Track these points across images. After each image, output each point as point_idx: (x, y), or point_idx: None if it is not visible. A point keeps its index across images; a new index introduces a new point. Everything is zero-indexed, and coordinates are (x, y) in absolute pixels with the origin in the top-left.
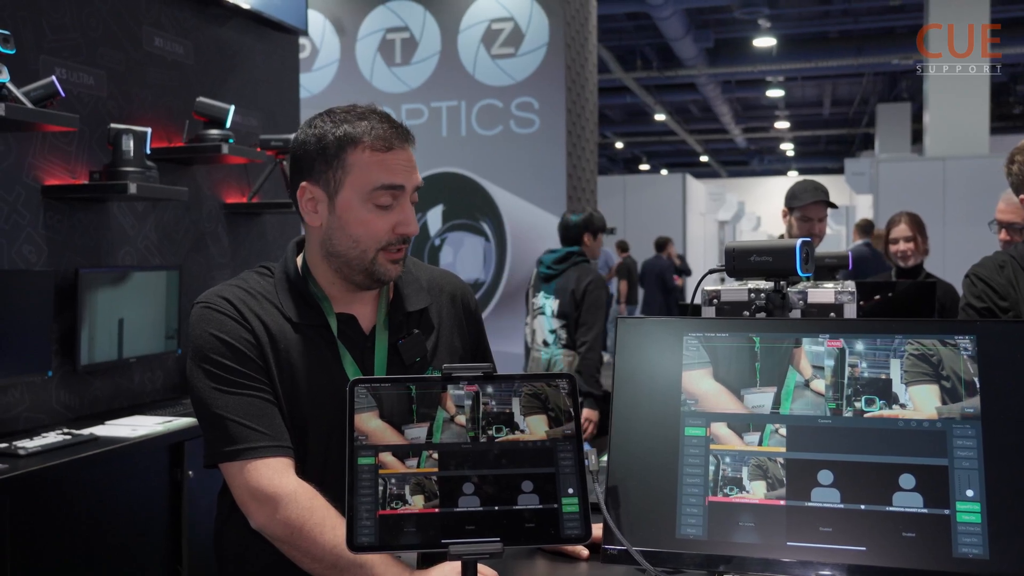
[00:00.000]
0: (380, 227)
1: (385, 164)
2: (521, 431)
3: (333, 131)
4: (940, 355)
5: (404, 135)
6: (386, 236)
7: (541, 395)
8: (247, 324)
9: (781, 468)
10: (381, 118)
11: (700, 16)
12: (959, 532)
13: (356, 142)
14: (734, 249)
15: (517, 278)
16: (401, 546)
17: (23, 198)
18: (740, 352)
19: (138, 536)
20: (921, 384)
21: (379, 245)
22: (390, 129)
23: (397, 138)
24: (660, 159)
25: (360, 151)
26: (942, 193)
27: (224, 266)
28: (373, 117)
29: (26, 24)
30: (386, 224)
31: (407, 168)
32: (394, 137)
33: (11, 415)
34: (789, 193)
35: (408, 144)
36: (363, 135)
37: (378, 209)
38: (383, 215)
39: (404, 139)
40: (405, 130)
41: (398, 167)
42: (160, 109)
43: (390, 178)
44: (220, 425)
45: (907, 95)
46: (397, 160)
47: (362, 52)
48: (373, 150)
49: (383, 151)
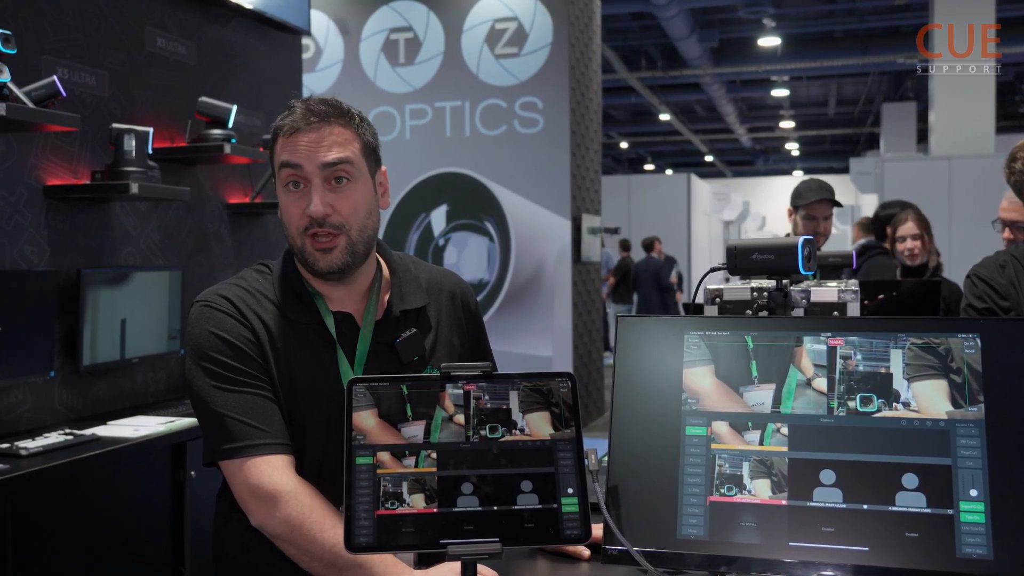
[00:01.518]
0: (293, 210)
1: (286, 145)
2: (520, 429)
3: (274, 125)
4: (950, 346)
5: (321, 116)
6: (301, 220)
7: (543, 389)
8: (247, 322)
9: (783, 468)
10: (304, 106)
11: (705, 16)
12: (963, 532)
13: (277, 132)
14: (736, 247)
15: (521, 278)
16: (399, 546)
17: (25, 198)
18: (741, 350)
19: (140, 536)
20: (926, 379)
21: (299, 229)
22: (303, 112)
23: (307, 121)
24: (665, 159)
25: (280, 140)
26: (947, 193)
27: (227, 266)
28: (297, 107)
29: (28, 24)
30: (297, 207)
31: (311, 148)
32: (303, 120)
33: (13, 415)
34: (794, 192)
35: (325, 125)
36: (282, 124)
37: (290, 192)
38: (296, 199)
39: (320, 120)
40: (329, 112)
41: (300, 148)
42: (162, 109)
43: (287, 156)
44: (220, 423)
45: (912, 94)
46: (300, 140)
47: (366, 52)
48: (284, 136)
49: (290, 135)
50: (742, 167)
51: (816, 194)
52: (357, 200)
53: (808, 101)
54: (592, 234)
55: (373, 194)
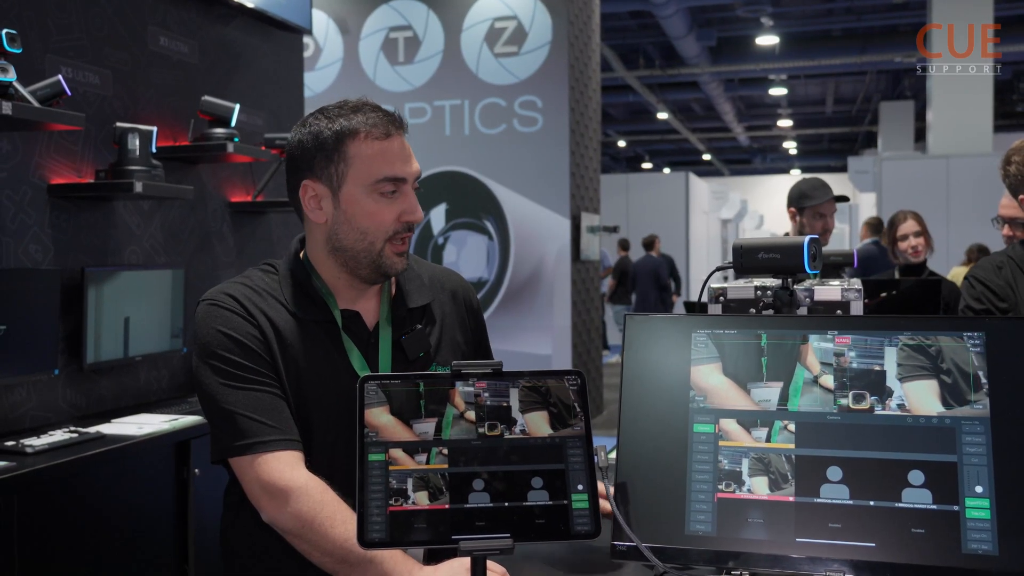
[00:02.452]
0: (386, 217)
1: (384, 153)
2: (521, 430)
3: (329, 126)
4: (940, 347)
5: (398, 123)
6: (392, 225)
7: (542, 389)
8: (253, 320)
9: (790, 464)
10: (373, 108)
11: (703, 14)
12: (968, 528)
13: (354, 134)
14: (742, 246)
15: (520, 277)
16: (411, 542)
17: (29, 197)
18: (748, 348)
19: (145, 534)
20: (918, 380)
21: (386, 235)
22: (384, 118)
23: (393, 125)
24: (663, 158)
25: (359, 142)
26: (946, 191)
27: (229, 265)
28: (366, 108)
29: (32, 24)
30: (391, 213)
31: (405, 156)
32: (390, 125)
33: (18, 413)
34: (798, 193)
35: (403, 132)
36: (360, 126)
37: (383, 199)
38: (388, 205)
39: (399, 127)
40: (398, 118)
41: (397, 156)
42: (165, 108)
43: (391, 168)
44: (230, 420)
45: (910, 93)
46: (395, 148)
47: (365, 51)
48: (371, 139)
49: (381, 139)
50: (740, 166)
51: (825, 192)
52: None
53: (806, 100)
54: (591, 233)
55: None
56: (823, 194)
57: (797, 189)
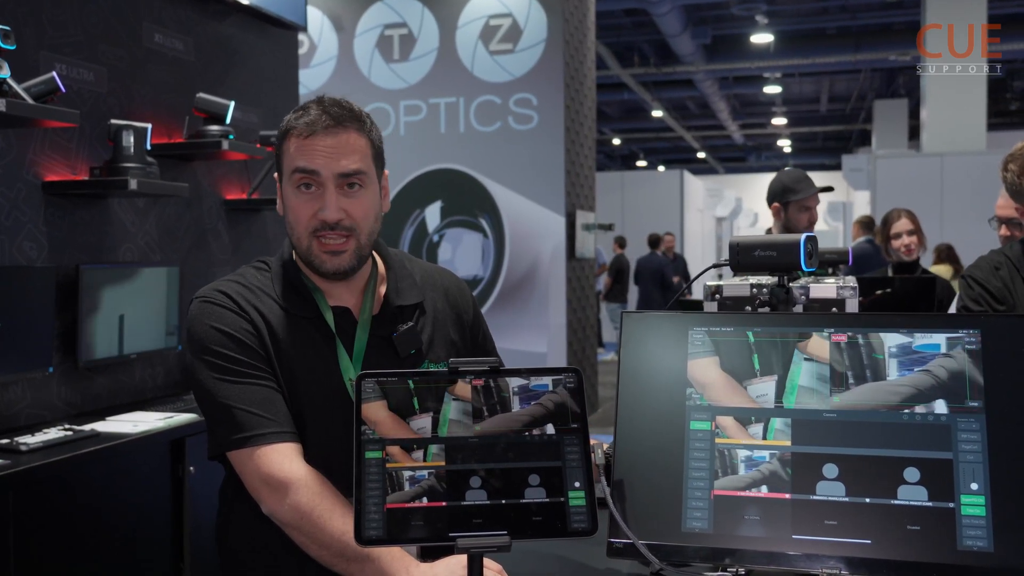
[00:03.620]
0: (303, 211)
1: (301, 148)
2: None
3: (283, 122)
4: (936, 344)
5: (338, 120)
6: (311, 222)
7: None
8: (246, 315)
9: (786, 461)
10: (319, 107)
11: (698, 12)
12: (964, 525)
13: (290, 131)
14: (739, 244)
15: (515, 274)
16: (408, 539)
17: (24, 194)
18: (745, 346)
19: (140, 531)
20: (913, 377)
21: (307, 231)
22: (321, 115)
23: (324, 124)
24: (657, 155)
25: (290, 139)
26: (940, 189)
27: (225, 262)
28: (312, 106)
29: (27, 20)
30: (308, 209)
31: (328, 154)
32: (320, 123)
33: (13, 411)
34: (781, 187)
35: (342, 130)
36: (295, 123)
37: (300, 193)
38: (307, 201)
39: (336, 124)
40: (341, 115)
41: (316, 152)
42: (160, 105)
43: (303, 161)
44: (227, 414)
45: (904, 91)
46: (315, 144)
47: (360, 48)
48: (298, 137)
49: (304, 137)
50: (734, 163)
51: (810, 185)
52: (367, 205)
53: (800, 98)
54: (586, 230)
55: (379, 198)
56: (807, 186)
57: (779, 183)
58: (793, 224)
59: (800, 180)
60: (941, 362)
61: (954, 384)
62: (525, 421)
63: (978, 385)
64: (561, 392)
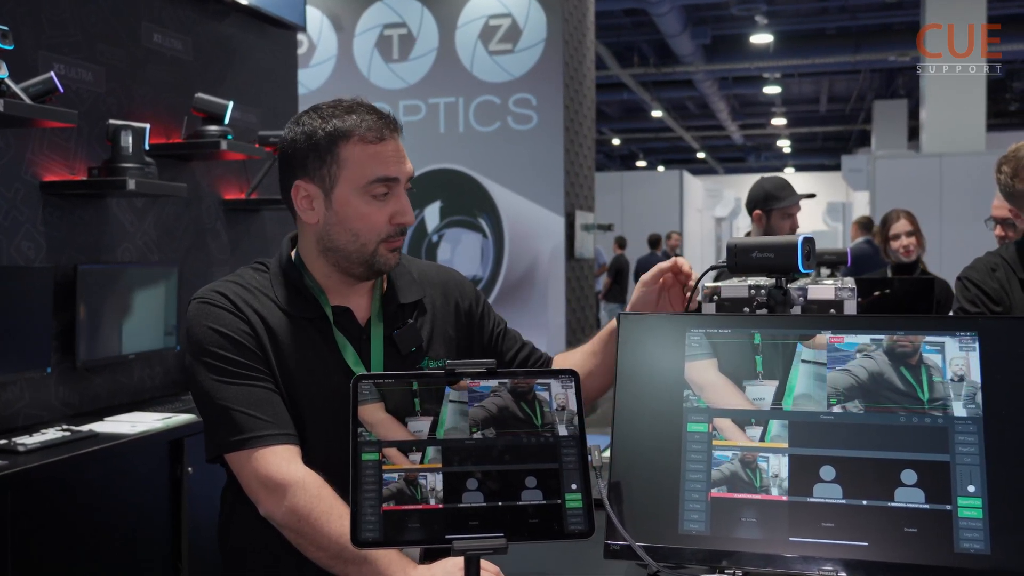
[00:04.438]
0: (379, 219)
1: (378, 156)
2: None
3: (323, 127)
4: (934, 346)
5: (393, 125)
6: (385, 228)
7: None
8: (244, 316)
9: (784, 463)
10: (368, 110)
11: (697, 12)
12: (960, 527)
13: (347, 136)
14: (736, 245)
15: (515, 274)
16: (405, 541)
17: (22, 194)
18: (743, 348)
19: (138, 532)
20: (911, 379)
21: (379, 237)
22: (379, 120)
23: (387, 128)
24: (657, 155)
25: (352, 145)
26: (939, 190)
27: (223, 262)
28: (361, 110)
29: (25, 19)
30: (384, 216)
31: (399, 158)
32: (384, 128)
33: (11, 411)
34: (762, 195)
35: (397, 134)
36: (353, 128)
37: (375, 201)
38: (380, 207)
39: (393, 129)
40: (393, 120)
41: (390, 158)
42: (159, 105)
43: (384, 170)
44: (225, 416)
45: (904, 92)
46: (388, 151)
47: (360, 48)
48: (364, 143)
49: (374, 143)
50: (734, 164)
51: (793, 192)
52: None
53: (800, 98)
54: (586, 230)
55: None
56: (789, 193)
57: (761, 190)
58: (775, 231)
59: (782, 187)
60: (938, 364)
61: (952, 386)
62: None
63: (976, 387)
64: (504, 396)
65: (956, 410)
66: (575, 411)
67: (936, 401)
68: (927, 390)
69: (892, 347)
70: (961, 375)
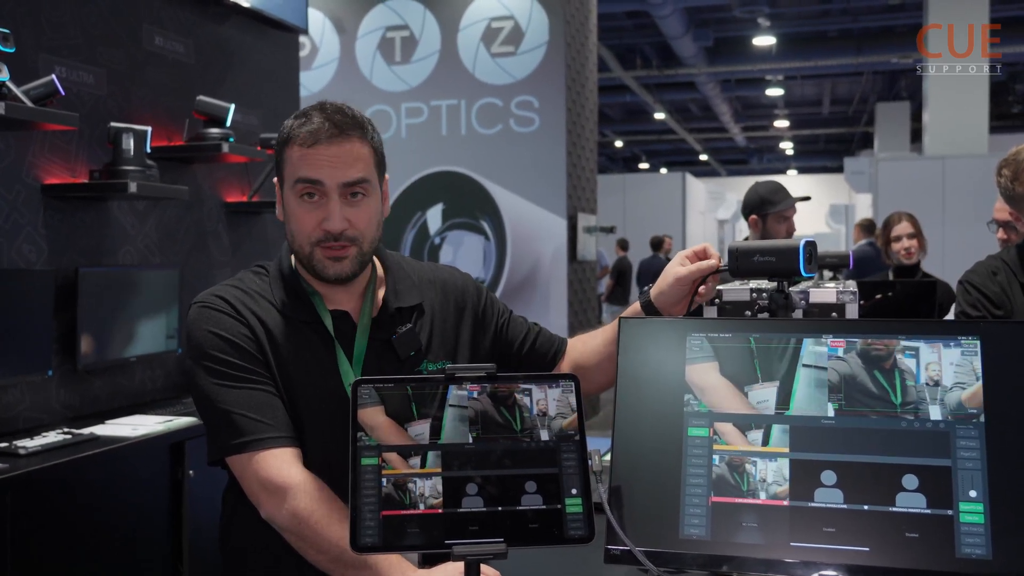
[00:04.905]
0: (307, 222)
1: (306, 158)
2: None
3: (284, 129)
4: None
5: (341, 128)
6: (315, 232)
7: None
8: (244, 320)
9: (784, 468)
10: (322, 114)
11: (700, 15)
12: (962, 532)
13: (291, 138)
14: (737, 249)
15: (517, 277)
16: (405, 546)
17: (23, 197)
18: (744, 352)
19: (139, 535)
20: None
21: (310, 240)
22: (324, 124)
23: (328, 133)
24: (659, 158)
25: (292, 148)
26: (941, 192)
27: (225, 265)
28: (314, 114)
29: (25, 22)
30: (312, 219)
31: (332, 163)
32: (324, 133)
33: (11, 414)
34: (758, 200)
35: (345, 139)
36: (296, 131)
37: (304, 204)
38: (311, 210)
39: (340, 134)
40: (344, 124)
41: (320, 162)
42: (160, 108)
43: (307, 172)
44: (226, 419)
45: (906, 94)
46: (319, 155)
47: (362, 50)
48: (300, 146)
49: (307, 146)
50: (737, 166)
51: (788, 196)
52: (370, 214)
53: (802, 100)
54: (588, 233)
55: (381, 204)
56: (784, 197)
57: (756, 195)
58: (772, 235)
59: (777, 191)
60: (939, 368)
61: (952, 391)
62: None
63: (977, 392)
64: (484, 400)
65: (932, 414)
66: (560, 414)
67: (908, 405)
68: (900, 394)
69: (866, 350)
70: (936, 380)
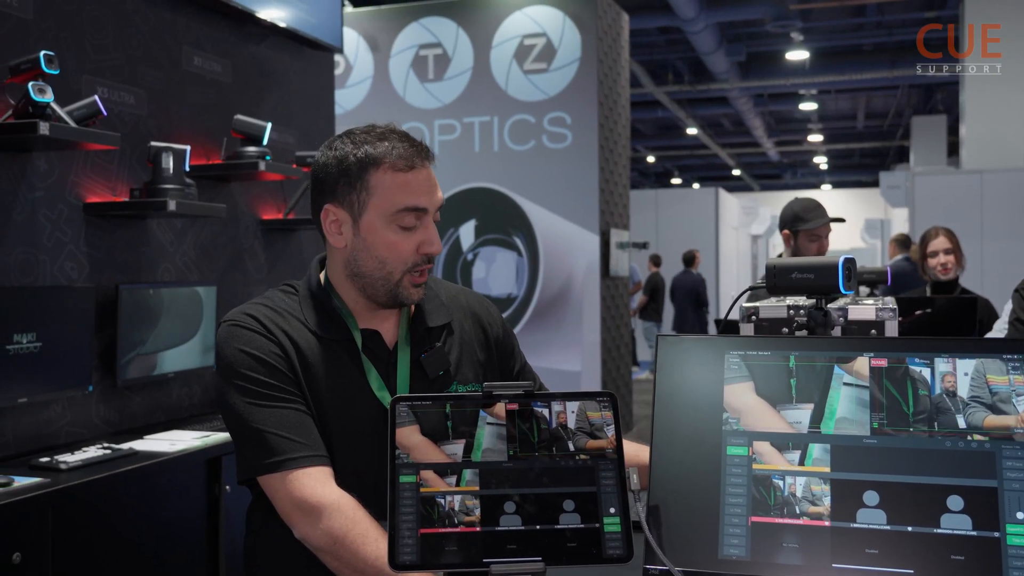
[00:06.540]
0: (405, 248)
1: (407, 185)
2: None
3: (354, 152)
4: (980, 368)
5: (424, 153)
6: (411, 257)
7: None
8: (274, 338)
9: (825, 488)
10: (401, 137)
11: (732, 30)
12: (1009, 555)
13: (377, 163)
14: (775, 266)
15: (549, 293)
16: (442, 565)
17: (65, 215)
18: (782, 370)
19: (176, 550)
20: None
21: (405, 266)
22: (410, 148)
23: (418, 157)
24: (692, 173)
25: (382, 172)
26: (980, 207)
27: (261, 282)
28: (393, 137)
29: (69, 45)
30: (411, 245)
31: (428, 188)
32: (415, 156)
33: (52, 429)
34: (792, 216)
35: (428, 162)
36: (384, 156)
37: (402, 230)
38: (408, 236)
39: (424, 157)
40: (425, 148)
41: (420, 188)
42: (199, 127)
43: (413, 200)
44: (258, 439)
45: (942, 107)
46: (418, 180)
47: (395, 68)
48: (394, 171)
49: (404, 171)
50: (770, 181)
51: (821, 215)
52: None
53: (837, 114)
54: (620, 248)
55: None
56: (818, 216)
57: (791, 211)
58: (802, 252)
59: (811, 209)
60: (985, 387)
61: (999, 410)
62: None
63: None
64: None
65: (977, 434)
66: (583, 429)
67: (951, 424)
68: (942, 412)
69: (908, 368)
70: (979, 398)
